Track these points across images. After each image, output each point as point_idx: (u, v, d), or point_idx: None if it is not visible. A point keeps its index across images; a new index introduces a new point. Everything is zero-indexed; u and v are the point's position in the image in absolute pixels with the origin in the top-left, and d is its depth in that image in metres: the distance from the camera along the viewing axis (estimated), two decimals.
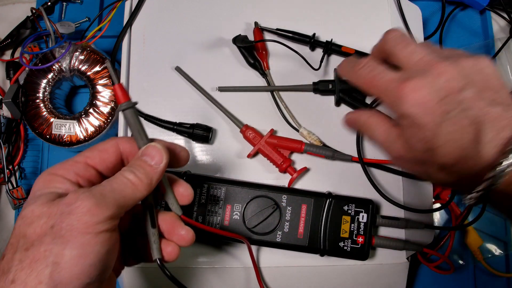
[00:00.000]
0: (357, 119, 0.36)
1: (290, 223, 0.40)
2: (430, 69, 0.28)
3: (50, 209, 0.25)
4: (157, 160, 0.28)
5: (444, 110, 0.27)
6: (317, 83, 0.43)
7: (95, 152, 0.29)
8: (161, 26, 0.46)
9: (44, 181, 0.27)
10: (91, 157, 0.28)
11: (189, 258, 0.42)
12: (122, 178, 0.26)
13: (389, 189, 0.42)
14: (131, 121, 0.29)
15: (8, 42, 0.53)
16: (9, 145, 0.49)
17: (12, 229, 0.26)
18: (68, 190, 0.26)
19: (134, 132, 0.29)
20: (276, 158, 0.41)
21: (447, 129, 0.27)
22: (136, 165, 0.27)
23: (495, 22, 0.55)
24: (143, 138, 0.29)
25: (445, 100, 0.27)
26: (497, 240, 0.48)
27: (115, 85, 0.28)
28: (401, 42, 0.32)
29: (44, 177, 0.27)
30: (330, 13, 0.46)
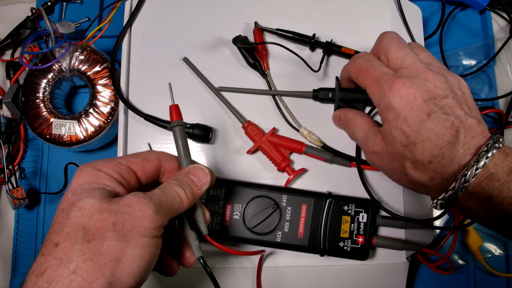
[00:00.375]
0: (344, 116, 0.39)
1: (290, 223, 0.40)
2: (420, 74, 0.32)
3: (110, 206, 0.26)
4: (202, 182, 0.31)
5: (429, 110, 0.30)
6: (317, 90, 0.42)
7: (138, 159, 0.30)
8: (161, 26, 0.46)
9: (90, 175, 0.28)
10: (134, 162, 0.30)
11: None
12: (173, 191, 0.29)
13: (389, 190, 0.42)
14: (179, 138, 0.32)
15: (8, 42, 0.53)
16: (9, 145, 0.49)
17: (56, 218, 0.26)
18: (115, 189, 0.28)
19: (179, 149, 0.32)
20: (276, 157, 0.41)
21: (428, 127, 0.30)
22: (184, 182, 0.30)
23: (495, 22, 0.55)
24: (187, 156, 0.32)
25: (430, 101, 0.30)
26: (497, 240, 0.48)
27: (172, 105, 0.32)
28: (396, 44, 0.34)
29: (90, 172, 0.28)
30: (330, 13, 0.46)
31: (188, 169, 0.31)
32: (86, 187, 0.27)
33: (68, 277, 0.23)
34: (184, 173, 0.31)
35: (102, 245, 0.25)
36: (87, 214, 0.25)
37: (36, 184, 0.51)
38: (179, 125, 0.32)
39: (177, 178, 0.30)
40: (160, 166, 0.31)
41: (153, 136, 0.43)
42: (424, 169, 0.31)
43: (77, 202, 0.26)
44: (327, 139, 0.43)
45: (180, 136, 0.32)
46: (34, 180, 0.51)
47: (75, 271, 0.24)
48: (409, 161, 0.31)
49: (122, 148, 0.43)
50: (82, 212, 0.25)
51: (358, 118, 0.38)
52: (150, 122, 0.43)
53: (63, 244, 0.24)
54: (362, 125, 0.37)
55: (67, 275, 0.23)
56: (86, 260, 0.24)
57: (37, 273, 0.24)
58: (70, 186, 0.27)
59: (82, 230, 0.25)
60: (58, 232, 0.25)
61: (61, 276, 0.23)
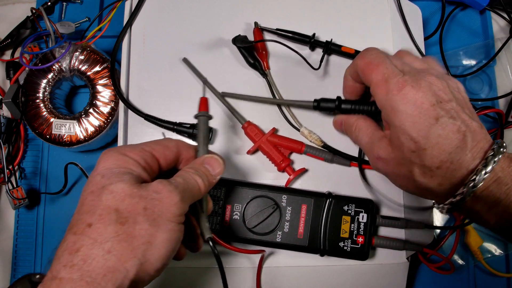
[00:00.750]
0: (346, 120, 0.38)
1: (290, 223, 0.40)
2: (424, 77, 0.31)
3: (140, 191, 0.27)
4: (217, 172, 0.32)
5: (436, 114, 0.30)
6: (319, 101, 0.40)
7: (160, 146, 0.31)
8: (161, 26, 0.46)
9: (117, 159, 0.29)
10: (157, 149, 0.31)
11: (189, 258, 0.42)
12: (193, 180, 0.30)
13: (389, 190, 0.42)
14: (202, 128, 0.34)
15: (8, 42, 0.53)
16: (9, 145, 0.49)
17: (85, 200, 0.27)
18: (140, 174, 0.29)
19: (200, 138, 0.33)
20: (276, 157, 0.41)
21: (437, 132, 0.29)
22: (201, 171, 0.31)
23: (495, 22, 0.55)
24: (205, 145, 0.33)
25: (437, 105, 0.30)
26: (497, 240, 0.48)
27: (202, 97, 0.35)
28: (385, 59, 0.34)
29: (116, 156, 0.29)
30: (330, 13, 0.46)
31: (203, 159, 0.32)
32: (115, 171, 0.28)
33: (103, 257, 0.24)
34: (200, 162, 0.32)
35: (135, 228, 0.26)
36: (119, 197, 0.26)
37: (36, 184, 0.51)
38: (204, 116, 0.34)
39: (195, 167, 0.31)
40: (179, 154, 0.32)
41: (153, 136, 0.43)
42: (432, 175, 0.30)
43: (108, 186, 0.26)
44: (327, 139, 0.43)
45: (203, 125, 0.34)
46: (34, 180, 0.51)
47: (109, 251, 0.25)
48: (417, 167, 0.31)
49: None
50: (114, 196, 0.26)
51: (361, 122, 0.37)
52: (150, 122, 0.43)
53: (96, 225, 0.25)
54: (365, 129, 0.36)
55: (102, 255, 0.24)
56: (120, 242, 0.25)
57: (70, 251, 0.25)
58: (97, 169, 0.28)
59: (115, 213, 0.26)
60: (90, 213, 0.26)
61: (96, 255, 0.24)
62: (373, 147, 0.34)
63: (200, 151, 0.33)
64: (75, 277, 0.24)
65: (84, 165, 0.46)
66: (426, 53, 0.48)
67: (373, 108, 0.37)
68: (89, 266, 0.24)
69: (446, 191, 0.31)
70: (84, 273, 0.24)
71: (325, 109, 0.40)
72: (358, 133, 0.36)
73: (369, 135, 0.35)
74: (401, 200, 0.42)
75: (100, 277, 0.24)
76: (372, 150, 0.34)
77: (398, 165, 0.32)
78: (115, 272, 0.24)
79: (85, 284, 0.24)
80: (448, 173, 0.30)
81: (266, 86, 0.44)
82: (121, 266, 0.25)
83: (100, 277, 0.24)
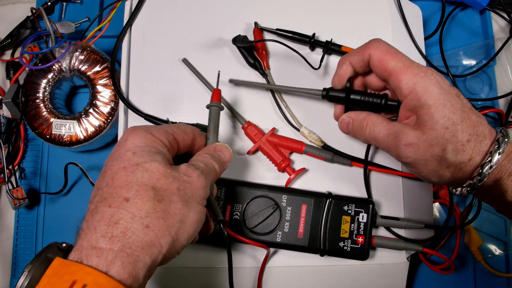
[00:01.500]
0: (355, 118, 0.37)
1: (290, 223, 0.40)
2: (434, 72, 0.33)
3: (173, 172, 0.28)
4: (227, 158, 0.34)
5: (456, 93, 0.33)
6: (327, 89, 0.39)
7: (180, 131, 0.32)
8: (161, 26, 0.46)
9: (145, 138, 0.29)
10: (178, 133, 0.32)
11: (189, 258, 0.42)
12: (212, 165, 0.32)
13: (389, 190, 0.42)
14: (213, 117, 0.36)
15: (8, 42, 0.53)
16: (9, 145, 0.49)
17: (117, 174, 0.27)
18: (166, 155, 0.30)
19: (211, 127, 0.35)
20: (276, 157, 0.41)
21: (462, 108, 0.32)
22: (215, 157, 0.33)
23: (495, 22, 0.55)
24: (216, 134, 0.35)
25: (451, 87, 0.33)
26: (497, 240, 0.48)
27: (215, 88, 0.37)
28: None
29: (144, 135, 0.29)
30: (330, 13, 0.46)
31: (215, 146, 0.34)
32: (146, 149, 0.28)
33: (142, 231, 0.25)
34: (214, 149, 0.34)
35: (170, 206, 0.27)
36: (154, 176, 0.27)
37: (36, 184, 0.51)
38: (216, 106, 0.36)
39: (210, 154, 0.33)
40: (194, 140, 0.34)
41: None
42: (464, 149, 0.32)
43: (143, 164, 0.27)
44: (327, 139, 0.43)
45: (214, 115, 0.36)
46: (34, 180, 0.51)
47: (148, 225, 0.26)
48: (450, 143, 0.32)
49: None
50: (149, 174, 0.27)
51: (373, 117, 0.36)
52: (150, 122, 0.43)
53: (134, 200, 0.26)
54: (380, 122, 0.35)
55: (141, 229, 0.25)
56: (158, 218, 0.26)
57: (109, 223, 0.25)
58: (125, 145, 0.29)
59: (152, 190, 0.27)
60: (126, 188, 0.27)
61: (136, 229, 0.25)
62: (398, 136, 0.33)
63: (210, 139, 0.35)
64: (116, 248, 0.24)
65: (84, 165, 0.46)
66: (426, 53, 0.48)
67: (383, 101, 0.36)
68: (129, 239, 0.25)
69: (476, 165, 0.32)
70: (125, 245, 0.25)
71: (333, 98, 0.38)
72: (374, 128, 0.35)
73: (387, 127, 0.35)
74: (401, 200, 0.42)
75: (139, 250, 0.25)
76: (397, 139, 0.33)
77: (429, 146, 0.32)
78: (152, 247, 0.26)
79: (125, 256, 0.25)
80: (477, 145, 0.32)
81: None
82: (157, 241, 0.26)
83: (139, 249, 0.25)
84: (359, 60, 0.36)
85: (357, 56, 0.36)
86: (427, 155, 0.32)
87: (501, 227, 0.48)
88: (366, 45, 0.36)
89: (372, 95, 0.37)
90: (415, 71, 0.33)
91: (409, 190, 0.42)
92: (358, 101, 0.37)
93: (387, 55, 0.34)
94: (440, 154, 0.32)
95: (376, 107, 0.37)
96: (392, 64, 0.33)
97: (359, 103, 0.37)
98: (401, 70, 0.33)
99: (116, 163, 0.28)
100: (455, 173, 0.33)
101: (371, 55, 0.35)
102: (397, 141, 0.33)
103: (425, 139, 0.32)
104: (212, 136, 0.35)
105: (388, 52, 0.34)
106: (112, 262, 0.24)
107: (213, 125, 0.36)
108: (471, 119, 0.32)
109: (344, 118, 0.38)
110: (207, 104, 0.36)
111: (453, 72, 0.52)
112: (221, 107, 0.36)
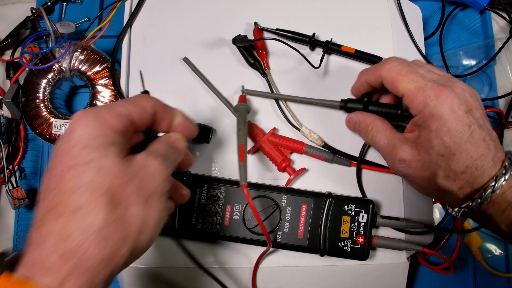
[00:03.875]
0: (362, 119, 0.38)
1: (290, 223, 0.40)
2: (454, 84, 0.32)
3: (131, 167, 0.25)
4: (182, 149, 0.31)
5: (469, 122, 0.31)
6: (346, 101, 0.40)
7: (137, 108, 0.28)
8: (161, 26, 0.46)
9: (96, 128, 0.25)
10: (135, 112, 0.28)
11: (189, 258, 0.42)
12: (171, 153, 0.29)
13: (389, 190, 0.42)
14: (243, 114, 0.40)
15: (8, 42, 0.53)
16: (9, 145, 0.49)
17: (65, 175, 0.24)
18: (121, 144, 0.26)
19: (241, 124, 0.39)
20: (277, 157, 0.41)
21: (468, 139, 0.31)
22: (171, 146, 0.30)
23: (495, 22, 0.55)
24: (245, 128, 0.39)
25: (469, 113, 0.31)
26: (497, 240, 0.48)
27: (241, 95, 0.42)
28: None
29: (94, 124, 0.25)
30: (330, 13, 0.46)
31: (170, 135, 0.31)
32: (97, 141, 0.25)
33: (97, 245, 0.23)
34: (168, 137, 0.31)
35: (128, 211, 0.24)
36: (108, 176, 0.24)
37: (36, 184, 0.51)
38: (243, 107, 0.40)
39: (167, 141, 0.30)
40: (155, 115, 0.30)
41: None
42: (456, 178, 0.31)
43: (95, 161, 0.24)
44: (328, 139, 0.43)
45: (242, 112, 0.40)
46: (34, 180, 0.51)
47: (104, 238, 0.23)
48: (442, 170, 0.31)
49: None
50: (103, 174, 0.24)
51: (378, 123, 0.37)
52: None
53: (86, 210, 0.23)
54: (384, 130, 0.36)
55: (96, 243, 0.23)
56: (115, 229, 0.23)
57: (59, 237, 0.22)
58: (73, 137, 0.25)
59: (107, 195, 0.23)
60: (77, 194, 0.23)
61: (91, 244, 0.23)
62: (394, 149, 0.34)
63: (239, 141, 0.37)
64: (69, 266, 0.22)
65: None
66: (426, 53, 0.48)
67: (399, 111, 0.37)
68: (83, 255, 0.22)
69: (465, 195, 0.32)
70: (80, 262, 0.22)
71: (351, 109, 0.40)
72: (376, 134, 0.36)
73: (389, 137, 0.35)
74: (401, 200, 0.42)
75: (96, 265, 0.23)
76: (393, 152, 0.34)
77: (421, 167, 0.33)
78: (110, 261, 0.23)
79: (80, 273, 0.22)
80: (471, 178, 0.31)
81: (266, 86, 0.44)
82: (115, 254, 0.24)
83: (96, 265, 0.23)
84: (373, 80, 0.37)
85: (371, 75, 0.37)
86: (418, 174, 0.33)
87: None
88: (379, 66, 0.36)
89: (389, 106, 0.38)
90: (427, 93, 0.32)
91: (409, 190, 0.42)
92: (375, 111, 0.39)
93: (398, 77, 0.33)
94: (430, 177, 0.32)
95: (393, 116, 0.38)
96: (403, 85, 0.33)
97: (376, 113, 0.39)
98: (412, 92, 0.32)
99: (64, 160, 0.24)
100: (445, 196, 0.33)
101: (383, 77, 0.35)
102: (393, 154, 0.34)
103: (419, 159, 0.33)
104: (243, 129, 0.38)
105: (399, 74, 0.34)
106: (65, 280, 0.22)
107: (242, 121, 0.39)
108: (477, 151, 0.31)
109: (352, 117, 0.39)
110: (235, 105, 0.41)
111: (453, 72, 0.52)
112: (247, 108, 0.40)
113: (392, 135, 0.35)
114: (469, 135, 0.31)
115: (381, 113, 0.38)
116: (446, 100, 0.31)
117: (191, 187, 0.40)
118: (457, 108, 0.31)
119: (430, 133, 0.31)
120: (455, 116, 0.31)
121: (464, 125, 0.31)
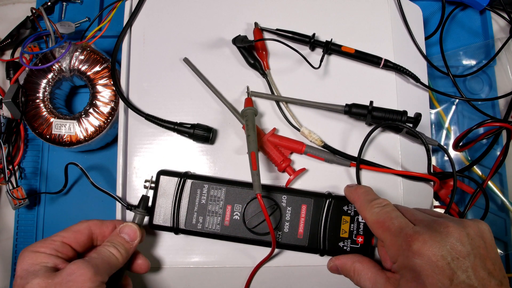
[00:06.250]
0: (342, 266, 0.38)
1: (290, 223, 0.40)
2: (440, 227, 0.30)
3: (55, 280, 0.30)
4: (132, 237, 0.36)
5: (451, 274, 0.28)
6: (350, 106, 0.41)
7: (70, 233, 0.35)
8: (161, 26, 0.46)
9: (30, 258, 0.32)
10: (67, 236, 0.35)
11: (189, 258, 0.42)
12: (108, 252, 0.34)
13: (389, 190, 0.42)
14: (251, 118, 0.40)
15: (8, 42, 0.53)
16: (9, 145, 0.50)
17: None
18: (55, 263, 0.32)
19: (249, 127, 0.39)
20: (277, 157, 0.41)
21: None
22: (117, 241, 0.35)
23: (495, 22, 0.55)
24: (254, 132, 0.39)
25: (453, 263, 0.28)
26: (497, 240, 0.48)
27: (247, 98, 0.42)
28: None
29: (29, 255, 0.32)
30: (330, 13, 0.46)
31: (119, 229, 0.36)
32: (30, 269, 0.31)
33: None
34: (116, 234, 0.36)
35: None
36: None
37: (36, 184, 0.51)
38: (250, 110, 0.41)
39: (111, 240, 0.35)
40: (91, 234, 0.36)
41: (153, 136, 0.43)
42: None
43: (26, 285, 0.30)
44: (327, 139, 0.43)
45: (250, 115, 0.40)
46: (34, 180, 0.51)
47: None
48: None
49: (122, 148, 0.43)
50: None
51: (358, 266, 0.36)
52: (151, 122, 0.43)
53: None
54: (365, 274, 0.35)
55: None
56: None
57: None
58: (16, 272, 0.32)
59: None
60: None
61: None
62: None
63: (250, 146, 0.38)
64: None
65: (84, 165, 0.46)
66: (427, 53, 0.48)
67: (403, 117, 0.38)
68: None
69: None
70: None
71: (356, 114, 0.41)
72: (359, 278, 0.36)
73: (371, 279, 0.35)
74: (401, 200, 0.42)
75: None
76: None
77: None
78: None
79: None
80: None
81: (266, 86, 0.44)
82: None
83: None
84: None
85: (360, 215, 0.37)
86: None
87: (501, 227, 0.48)
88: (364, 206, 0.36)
89: (393, 111, 0.39)
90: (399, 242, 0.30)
91: (409, 190, 0.43)
92: (380, 117, 0.40)
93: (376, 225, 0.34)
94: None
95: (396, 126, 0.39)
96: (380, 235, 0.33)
97: (381, 119, 0.40)
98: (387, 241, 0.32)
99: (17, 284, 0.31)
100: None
101: (366, 221, 0.35)
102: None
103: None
104: (253, 134, 0.38)
105: (377, 221, 0.34)
106: None
107: (251, 127, 0.39)
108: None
109: (332, 265, 0.39)
110: (242, 110, 0.41)
111: (453, 72, 0.52)
112: (255, 111, 0.41)
113: (375, 277, 0.34)
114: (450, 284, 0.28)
115: (386, 119, 0.39)
116: (420, 249, 0.29)
117: (191, 187, 0.40)
118: (434, 259, 0.28)
119: (406, 283, 0.30)
120: (432, 268, 0.28)
121: (444, 277, 0.28)
